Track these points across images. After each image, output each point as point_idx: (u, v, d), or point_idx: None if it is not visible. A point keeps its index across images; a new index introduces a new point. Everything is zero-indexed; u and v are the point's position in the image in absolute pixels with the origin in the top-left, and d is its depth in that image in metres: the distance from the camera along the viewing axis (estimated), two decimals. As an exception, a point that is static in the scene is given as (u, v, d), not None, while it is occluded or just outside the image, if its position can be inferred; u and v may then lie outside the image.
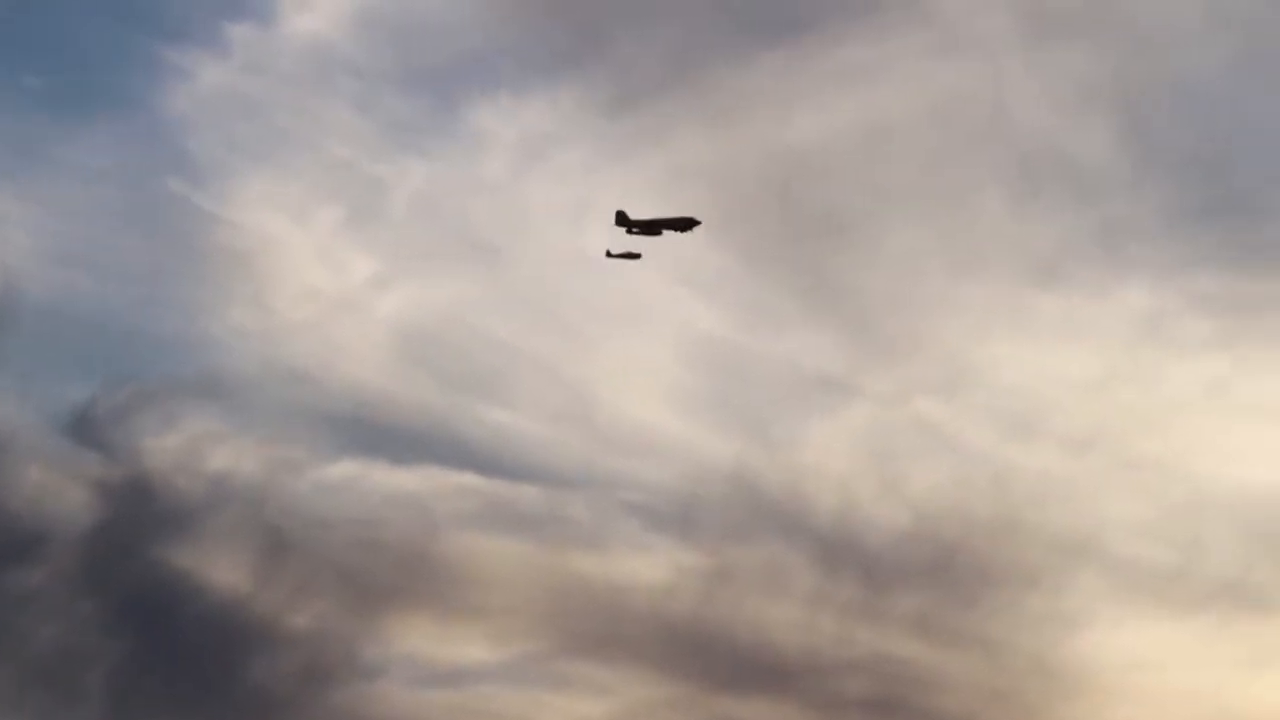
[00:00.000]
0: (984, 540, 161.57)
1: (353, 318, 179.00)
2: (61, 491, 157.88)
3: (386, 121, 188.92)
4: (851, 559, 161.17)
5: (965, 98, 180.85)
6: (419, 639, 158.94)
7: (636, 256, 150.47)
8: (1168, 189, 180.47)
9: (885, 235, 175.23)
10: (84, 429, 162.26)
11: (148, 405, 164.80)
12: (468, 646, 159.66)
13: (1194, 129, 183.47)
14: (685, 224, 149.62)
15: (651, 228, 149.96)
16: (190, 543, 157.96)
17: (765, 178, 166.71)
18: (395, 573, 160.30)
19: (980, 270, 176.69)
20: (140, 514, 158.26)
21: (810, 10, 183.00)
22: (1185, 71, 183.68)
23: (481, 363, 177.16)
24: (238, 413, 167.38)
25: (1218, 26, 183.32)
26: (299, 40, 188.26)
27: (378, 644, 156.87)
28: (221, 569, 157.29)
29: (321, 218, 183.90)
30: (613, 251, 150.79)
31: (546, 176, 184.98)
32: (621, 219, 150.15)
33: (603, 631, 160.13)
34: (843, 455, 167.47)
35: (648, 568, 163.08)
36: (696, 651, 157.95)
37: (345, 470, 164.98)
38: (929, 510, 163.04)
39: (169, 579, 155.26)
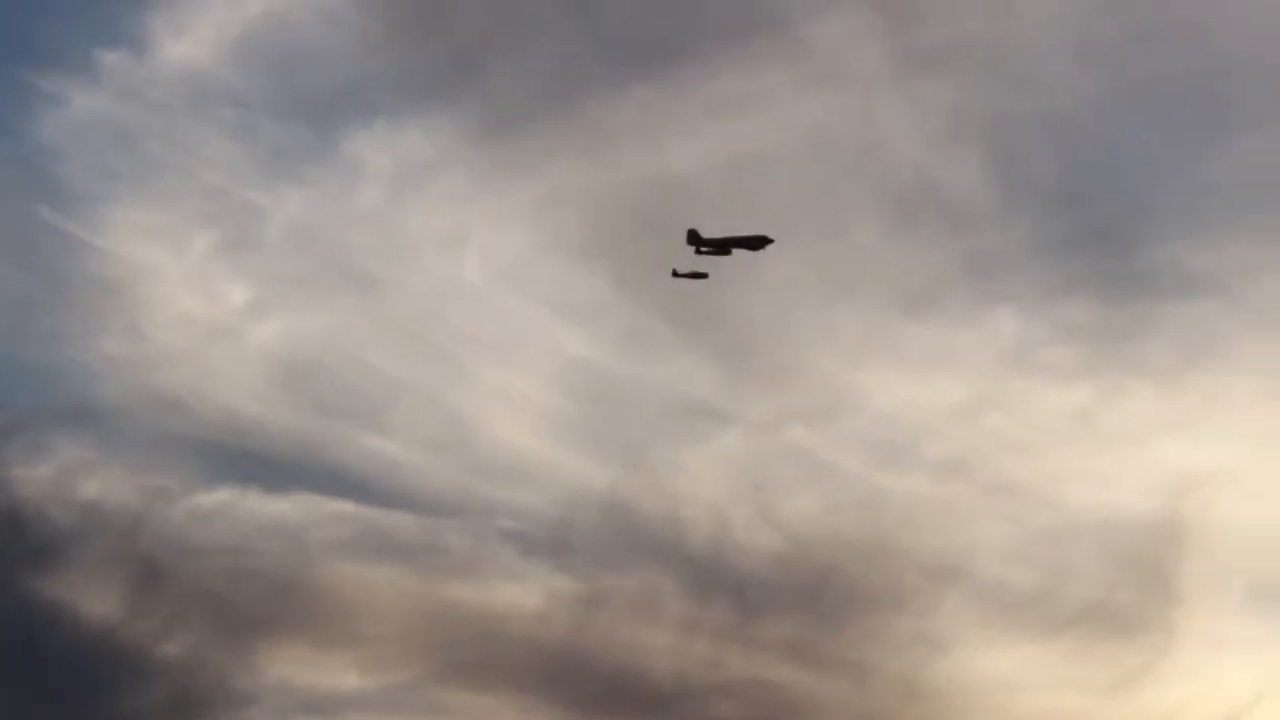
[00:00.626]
0: (855, 565, 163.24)
1: (227, 345, 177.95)
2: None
3: (262, 149, 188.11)
4: (724, 584, 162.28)
5: (837, 129, 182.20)
6: (292, 667, 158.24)
7: (704, 276, 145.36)
8: (1035, 220, 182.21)
9: (759, 264, 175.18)
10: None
11: (18, 434, 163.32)
12: (342, 675, 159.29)
13: (1061, 162, 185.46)
14: (758, 242, 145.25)
15: (723, 247, 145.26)
16: (61, 572, 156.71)
17: (639, 206, 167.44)
18: (268, 601, 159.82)
19: (853, 299, 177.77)
20: (10, 544, 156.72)
21: (683, 41, 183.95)
22: (1053, 106, 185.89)
23: (357, 390, 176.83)
24: (110, 441, 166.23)
25: (1086, 62, 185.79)
26: (173, 67, 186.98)
27: (250, 673, 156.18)
28: (93, 598, 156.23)
29: (196, 245, 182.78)
30: (679, 271, 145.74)
31: (423, 204, 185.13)
32: (693, 237, 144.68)
33: (478, 659, 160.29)
34: (717, 482, 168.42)
35: (522, 594, 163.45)
36: (571, 677, 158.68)
37: (218, 498, 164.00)
38: (801, 536, 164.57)
39: (39, 609, 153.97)
